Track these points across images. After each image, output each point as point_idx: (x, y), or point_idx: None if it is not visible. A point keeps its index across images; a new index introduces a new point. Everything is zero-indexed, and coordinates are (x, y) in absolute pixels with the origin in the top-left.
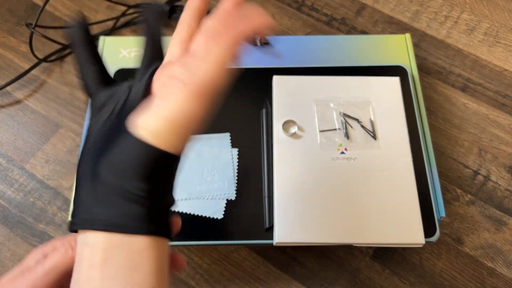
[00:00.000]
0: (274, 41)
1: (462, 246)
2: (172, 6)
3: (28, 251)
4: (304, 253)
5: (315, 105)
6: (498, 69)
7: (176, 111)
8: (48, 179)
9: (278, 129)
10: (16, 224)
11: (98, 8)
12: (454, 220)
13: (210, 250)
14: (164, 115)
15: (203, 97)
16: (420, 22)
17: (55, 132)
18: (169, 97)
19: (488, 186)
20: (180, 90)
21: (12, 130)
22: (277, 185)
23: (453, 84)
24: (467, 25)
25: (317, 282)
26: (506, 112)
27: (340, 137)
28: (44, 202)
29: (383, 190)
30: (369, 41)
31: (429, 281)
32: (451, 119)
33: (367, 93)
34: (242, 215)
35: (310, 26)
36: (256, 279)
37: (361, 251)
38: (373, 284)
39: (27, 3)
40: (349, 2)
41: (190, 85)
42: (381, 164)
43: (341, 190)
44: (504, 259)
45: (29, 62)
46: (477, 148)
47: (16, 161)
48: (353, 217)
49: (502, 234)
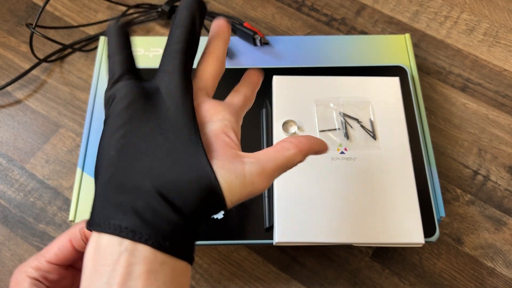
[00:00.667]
0: (274, 41)
1: (462, 246)
2: (172, 7)
3: (28, 251)
4: (304, 253)
5: (315, 105)
6: (497, 69)
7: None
8: (48, 179)
9: (278, 129)
10: (16, 224)
11: (98, 8)
12: (454, 220)
13: (210, 250)
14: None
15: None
16: (420, 22)
17: (55, 132)
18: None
19: (488, 186)
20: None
21: (12, 130)
22: (277, 185)
23: (452, 84)
24: (466, 25)
25: (317, 282)
26: (505, 112)
27: (340, 137)
28: (44, 202)
29: (383, 190)
30: (369, 41)
31: (429, 281)
32: (451, 119)
33: (367, 93)
34: (242, 215)
35: (310, 26)
36: (256, 279)
37: (361, 251)
38: (373, 284)
39: (27, 3)
40: (349, 2)
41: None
42: (381, 164)
43: (341, 190)
44: (504, 259)
45: (29, 62)
46: (476, 148)
47: (16, 161)
48: (353, 217)
49: (502, 234)
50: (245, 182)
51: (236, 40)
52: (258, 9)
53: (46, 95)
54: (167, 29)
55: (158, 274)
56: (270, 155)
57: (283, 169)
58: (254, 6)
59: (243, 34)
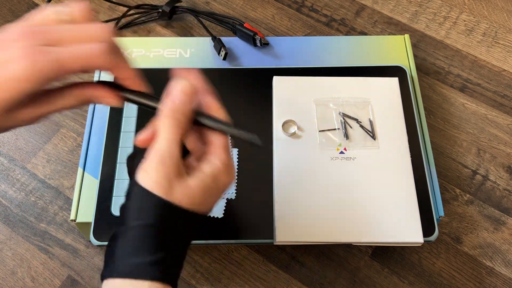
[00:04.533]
0: (274, 42)
1: (461, 245)
2: (172, 7)
3: (30, 250)
4: (304, 252)
5: (315, 105)
6: (496, 69)
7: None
8: (49, 178)
9: (278, 129)
10: (17, 224)
11: (99, 9)
12: (453, 220)
13: (211, 249)
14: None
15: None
16: (419, 22)
17: (56, 132)
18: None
19: (487, 185)
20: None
21: (14, 130)
22: (277, 185)
23: (451, 84)
24: (466, 25)
25: (317, 281)
26: (504, 112)
27: (340, 137)
28: (46, 202)
29: (382, 190)
30: (368, 42)
31: (428, 280)
32: (450, 119)
33: (366, 93)
34: (242, 214)
35: (309, 26)
36: (256, 278)
37: (361, 250)
38: (372, 283)
39: (29, 4)
40: (348, 3)
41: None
42: (380, 164)
43: (340, 189)
44: (502, 258)
45: None
46: (475, 148)
47: (18, 160)
48: (352, 216)
49: (501, 234)
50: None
51: (237, 40)
52: (258, 9)
53: None
54: (167, 30)
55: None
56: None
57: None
58: (254, 7)
59: (244, 34)
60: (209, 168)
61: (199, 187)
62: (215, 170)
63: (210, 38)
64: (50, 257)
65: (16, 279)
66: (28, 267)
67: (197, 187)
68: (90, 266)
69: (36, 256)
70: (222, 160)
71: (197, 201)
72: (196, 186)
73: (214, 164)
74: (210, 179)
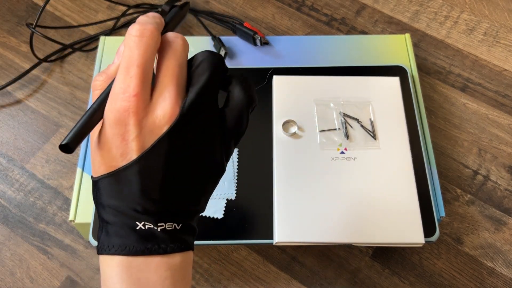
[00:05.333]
0: (274, 41)
1: (461, 245)
2: (172, 6)
3: (29, 250)
4: (304, 253)
5: (315, 105)
6: (497, 69)
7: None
8: (48, 179)
9: (278, 129)
10: (16, 224)
11: (99, 8)
12: (453, 220)
13: (210, 249)
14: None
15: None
16: (420, 22)
17: (55, 132)
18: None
19: (488, 186)
20: None
21: (13, 130)
22: (277, 185)
23: (452, 84)
24: (466, 25)
25: (317, 281)
26: (505, 112)
27: (340, 137)
28: (45, 202)
29: (383, 190)
30: (369, 41)
31: (429, 280)
32: (451, 119)
33: (367, 93)
34: (242, 215)
35: (310, 26)
36: (256, 279)
37: (361, 251)
38: (372, 284)
39: (28, 3)
40: (349, 2)
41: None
42: (380, 164)
43: (341, 190)
44: (503, 259)
45: (29, 62)
46: (476, 148)
47: (17, 160)
48: (353, 217)
49: (502, 234)
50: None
51: (236, 40)
52: (258, 9)
53: (47, 95)
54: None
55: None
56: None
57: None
58: (254, 6)
59: (243, 34)
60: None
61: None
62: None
63: (209, 38)
64: (49, 257)
65: (15, 279)
66: (27, 268)
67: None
68: (89, 267)
69: (35, 257)
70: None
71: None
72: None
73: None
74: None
